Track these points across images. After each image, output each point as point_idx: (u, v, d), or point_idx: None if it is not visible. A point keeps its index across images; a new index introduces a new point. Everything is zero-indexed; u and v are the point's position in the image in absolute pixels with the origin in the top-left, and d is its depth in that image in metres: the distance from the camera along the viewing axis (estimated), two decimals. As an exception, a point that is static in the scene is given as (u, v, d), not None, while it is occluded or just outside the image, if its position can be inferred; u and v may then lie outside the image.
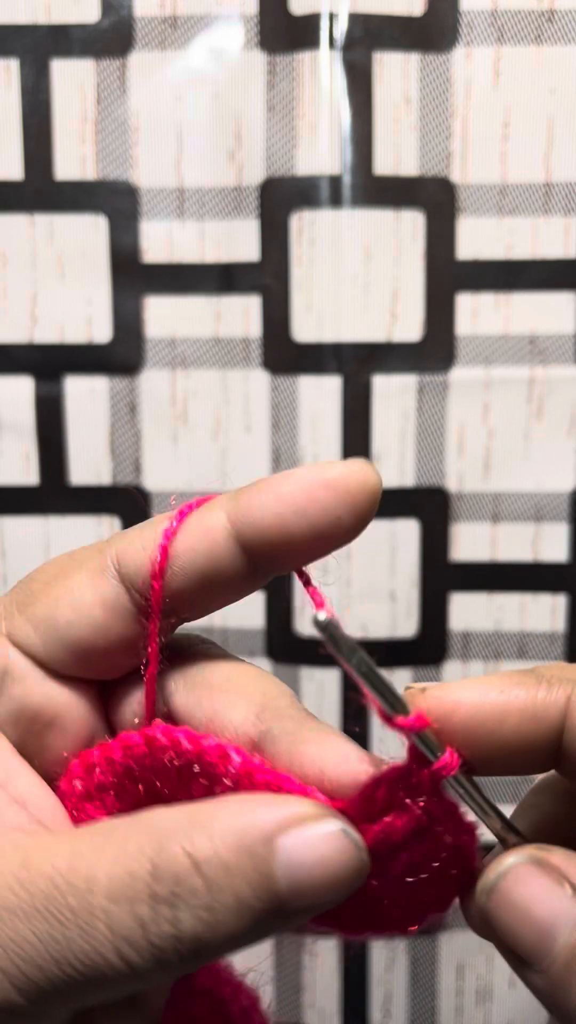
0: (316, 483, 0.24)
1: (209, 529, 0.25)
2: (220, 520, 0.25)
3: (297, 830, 0.21)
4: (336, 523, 0.24)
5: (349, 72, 0.55)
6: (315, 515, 0.24)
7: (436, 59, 0.55)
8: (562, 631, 0.59)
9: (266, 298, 0.57)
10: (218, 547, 0.25)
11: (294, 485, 0.24)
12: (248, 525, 0.25)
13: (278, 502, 0.24)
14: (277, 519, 0.24)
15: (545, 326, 0.57)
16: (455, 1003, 0.63)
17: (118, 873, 0.21)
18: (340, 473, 0.24)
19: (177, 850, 0.21)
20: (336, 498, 0.24)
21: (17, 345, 0.58)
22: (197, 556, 0.25)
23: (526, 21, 0.54)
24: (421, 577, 0.59)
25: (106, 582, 0.25)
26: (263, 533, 0.24)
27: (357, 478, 0.24)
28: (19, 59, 0.56)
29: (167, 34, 0.55)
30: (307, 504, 0.24)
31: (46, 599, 0.26)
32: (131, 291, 0.57)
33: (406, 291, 0.57)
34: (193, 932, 0.20)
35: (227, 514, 0.25)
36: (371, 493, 0.25)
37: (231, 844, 0.21)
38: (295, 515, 0.24)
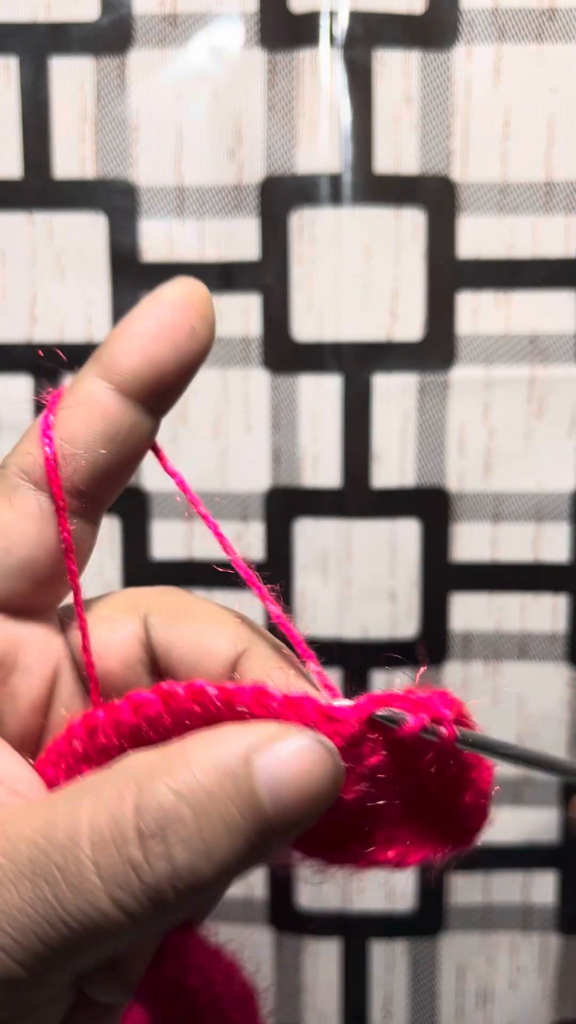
0: (161, 309, 0.26)
1: (91, 395, 0.25)
2: (96, 384, 0.25)
3: (270, 748, 0.21)
4: (192, 335, 0.26)
5: (349, 70, 0.54)
6: (173, 336, 0.26)
7: (437, 57, 0.55)
8: (563, 631, 0.59)
9: (266, 297, 0.57)
10: (107, 407, 0.25)
11: (144, 320, 0.26)
12: (122, 372, 0.25)
13: (135, 339, 0.25)
14: (143, 354, 0.25)
15: (546, 325, 0.56)
16: (455, 1004, 0.63)
17: (100, 820, 0.21)
18: (176, 292, 0.26)
19: (159, 786, 0.21)
20: (183, 313, 0.26)
21: (16, 344, 0.58)
22: (93, 424, 0.25)
23: (527, 19, 0.54)
24: (421, 577, 0.59)
25: (22, 496, 0.25)
26: (138, 372, 0.25)
27: (190, 290, 0.27)
28: (18, 57, 0.55)
29: (167, 32, 0.55)
30: (161, 330, 0.26)
31: None
32: (131, 290, 0.57)
33: (406, 290, 0.57)
34: (189, 864, 0.20)
35: (98, 376, 0.25)
36: (205, 299, 0.27)
37: (210, 771, 0.21)
38: (156, 343, 0.25)
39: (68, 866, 0.20)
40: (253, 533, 0.59)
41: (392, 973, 0.62)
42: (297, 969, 0.62)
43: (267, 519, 0.59)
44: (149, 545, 0.59)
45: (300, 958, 0.62)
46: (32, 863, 0.21)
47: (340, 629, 0.59)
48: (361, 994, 0.62)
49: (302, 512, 0.58)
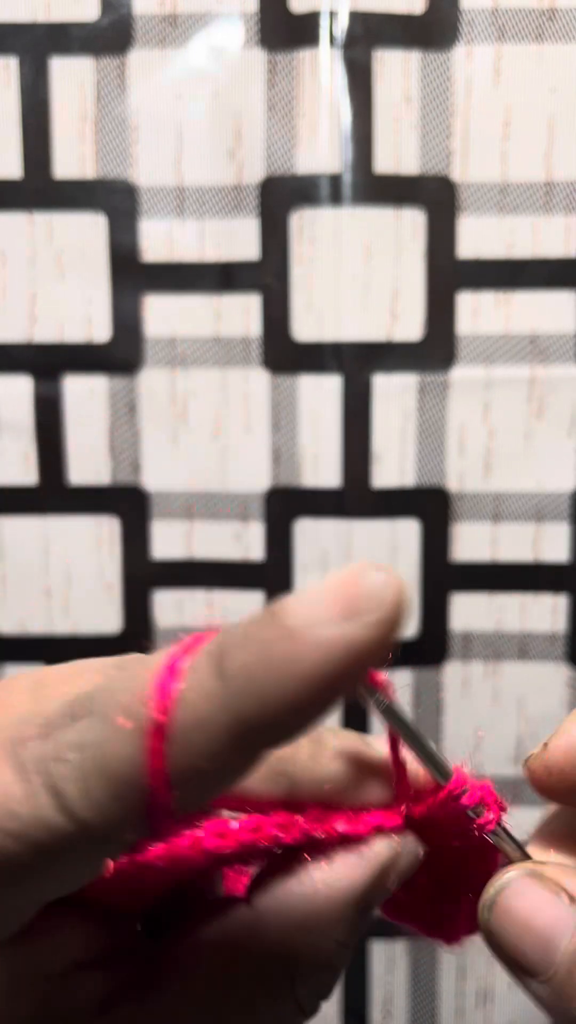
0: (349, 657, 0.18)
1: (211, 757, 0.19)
2: (219, 742, 0.19)
3: None
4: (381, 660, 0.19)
5: (349, 70, 0.54)
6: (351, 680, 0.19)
7: (437, 57, 0.55)
8: (563, 631, 0.59)
9: (266, 297, 0.57)
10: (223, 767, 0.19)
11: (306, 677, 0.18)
12: (257, 738, 0.19)
13: (294, 703, 0.18)
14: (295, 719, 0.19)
15: (546, 325, 0.56)
16: (455, 1005, 0.63)
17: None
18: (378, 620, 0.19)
19: None
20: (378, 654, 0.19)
21: (16, 344, 0.58)
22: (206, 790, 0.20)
23: (527, 19, 0.54)
24: (422, 577, 0.59)
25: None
26: (272, 733, 0.19)
27: (397, 601, 0.19)
28: (18, 57, 0.55)
29: (167, 32, 0.55)
30: (340, 680, 0.19)
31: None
32: (130, 290, 0.57)
33: (406, 290, 0.57)
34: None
35: (227, 729, 0.18)
36: (403, 614, 0.19)
37: None
38: (322, 700, 0.19)
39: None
40: (253, 533, 0.59)
41: (392, 973, 0.62)
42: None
43: (267, 519, 0.59)
44: (149, 545, 0.59)
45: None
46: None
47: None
48: (361, 994, 0.62)
49: (302, 512, 0.58)
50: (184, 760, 0.18)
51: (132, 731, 0.18)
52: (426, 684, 0.59)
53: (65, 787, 0.19)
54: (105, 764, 0.18)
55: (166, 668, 0.19)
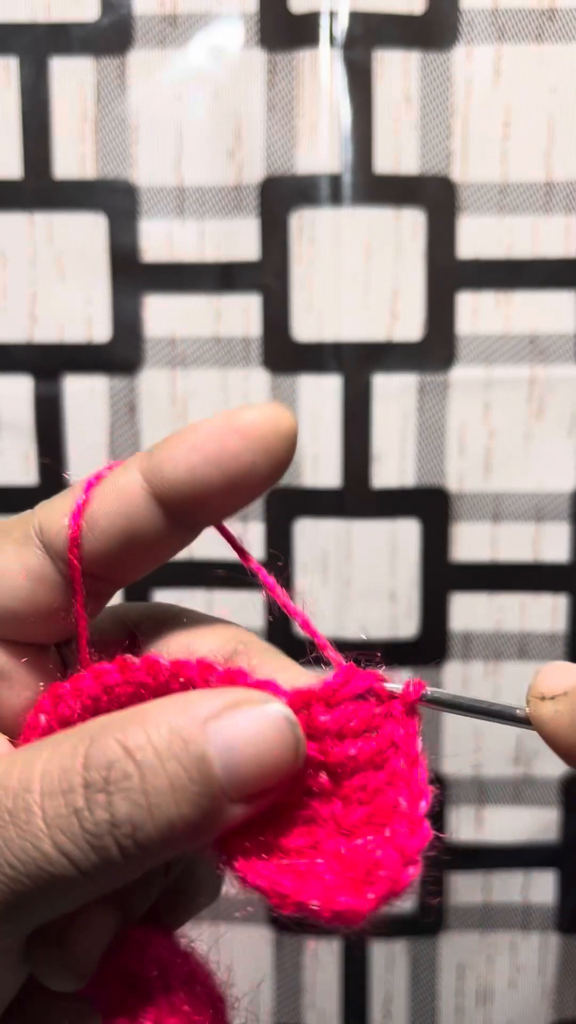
0: (227, 431, 0.24)
1: (124, 488, 0.25)
2: (135, 479, 0.24)
3: (230, 714, 0.22)
4: (250, 470, 0.24)
5: (349, 70, 0.54)
6: (228, 463, 0.24)
7: (437, 57, 0.55)
8: (563, 631, 0.59)
9: (266, 297, 0.57)
10: (135, 506, 0.24)
11: (205, 435, 0.24)
12: (162, 479, 0.24)
13: (190, 453, 0.24)
14: (190, 471, 0.24)
15: (546, 325, 0.56)
16: (455, 1004, 0.63)
17: (52, 768, 0.21)
18: (251, 419, 0.24)
19: (109, 740, 0.21)
20: (248, 444, 0.24)
21: (16, 344, 0.58)
22: (115, 517, 0.25)
23: (527, 20, 0.54)
24: (421, 577, 0.59)
25: (30, 551, 0.25)
26: (177, 486, 0.24)
27: (269, 422, 0.24)
28: (18, 57, 0.55)
29: (167, 32, 0.55)
30: (219, 453, 0.24)
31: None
32: (131, 290, 0.57)
33: (406, 290, 0.57)
34: (128, 816, 0.21)
35: (141, 472, 0.24)
36: (285, 437, 0.24)
37: (164, 731, 0.21)
38: (208, 465, 0.24)
39: (17, 810, 0.21)
40: (253, 533, 0.59)
41: (392, 972, 0.62)
42: (297, 969, 0.63)
43: (267, 519, 0.59)
44: (149, 545, 0.59)
45: (300, 958, 0.62)
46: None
47: (340, 629, 0.59)
48: (361, 993, 0.63)
49: (302, 512, 0.58)
50: (105, 500, 0.25)
51: (81, 482, 0.25)
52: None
53: (41, 527, 0.25)
54: (58, 503, 0.25)
55: (114, 463, 0.25)
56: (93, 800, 0.21)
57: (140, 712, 0.22)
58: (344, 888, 0.22)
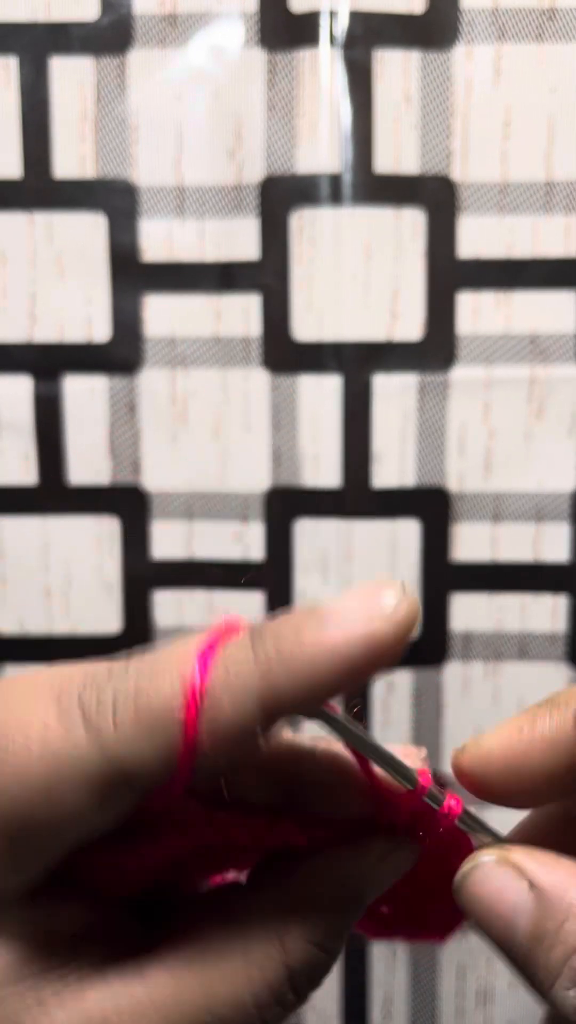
0: (369, 651, 0.21)
1: (242, 729, 0.21)
2: (252, 713, 0.21)
3: None
4: (384, 662, 0.22)
5: (349, 70, 0.54)
6: (363, 674, 0.21)
7: (437, 57, 0.55)
8: (563, 632, 0.59)
9: (266, 297, 0.57)
10: (250, 740, 0.21)
11: (344, 656, 0.21)
12: (286, 708, 0.21)
13: (322, 683, 0.21)
14: (320, 685, 0.21)
15: (546, 325, 0.56)
16: (456, 1005, 0.63)
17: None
18: (395, 608, 0.21)
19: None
20: (382, 652, 0.21)
21: (16, 344, 0.58)
22: (231, 755, 0.21)
23: (527, 19, 0.54)
24: (422, 577, 0.59)
25: (112, 804, 0.21)
26: (298, 700, 0.21)
27: (409, 608, 0.21)
28: (18, 57, 0.55)
29: (167, 32, 0.55)
30: (354, 672, 0.21)
31: None
32: (130, 290, 0.57)
33: (407, 290, 0.57)
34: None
35: (260, 699, 0.21)
36: (416, 615, 0.22)
37: None
38: (341, 679, 0.21)
39: None
40: (253, 533, 0.59)
41: (392, 973, 0.62)
42: (297, 969, 0.62)
43: (267, 519, 0.59)
44: (149, 545, 0.59)
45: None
46: None
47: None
48: (361, 994, 0.62)
49: (302, 512, 0.58)
50: (215, 714, 0.21)
51: (170, 681, 0.21)
52: (426, 684, 0.59)
53: (101, 723, 0.21)
54: (141, 704, 0.21)
55: (206, 642, 0.22)
56: None
57: None
58: None
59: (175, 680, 0.21)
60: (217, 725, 0.21)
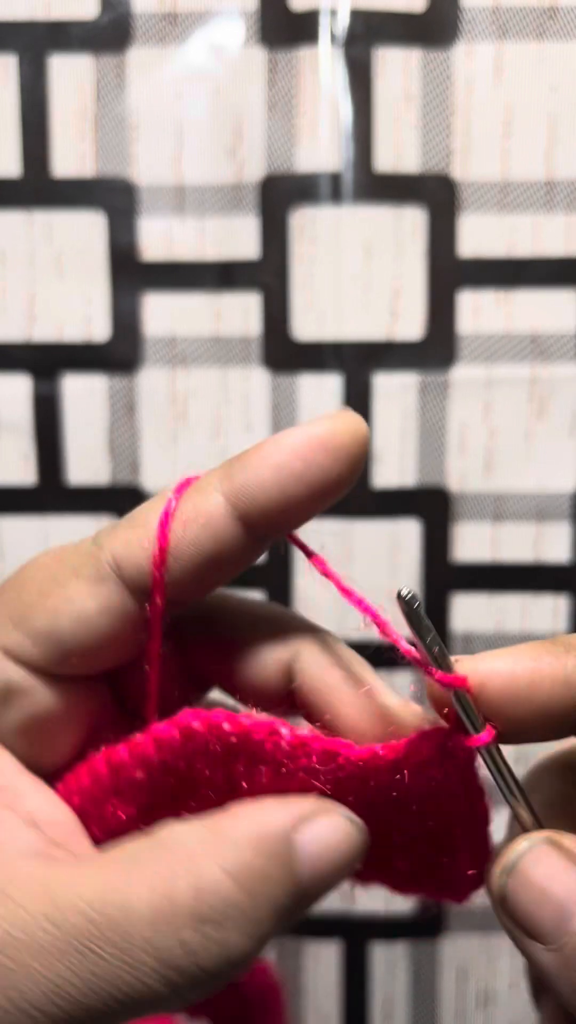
0: (311, 446, 0.24)
1: (208, 514, 0.24)
2: (217, 502, 0.24)
3: (307, 826, 0.22)
4: (336, 481, 0.24)
5: (350, 68, 0.54)
6: (315, 478, 0.24)
7: (437, 55, 0.54)
8: (563, 632, 0.59)
9: (266, 296, 0.57)
10: (219, 531, 0.24)
11: (289, 453, 0.24)
12: (249, 502, 0.24)
13: (277, 472, 0.24)
14: (279, 491, 0.24)
15: (547, 324, 0.56)
16: (456, 1006, 0.62)
17: (158, 900, 0.21)
18: (331, 430, 0.24)
19: (212, 866, 0.21)
20: (332, 457, 0.24)
21: (15, 344, 0.58)
22: (200, 545, 0.24)
23: (528, 17, 0.54)
24: (422, 577, 0.59)
25: (107, 589, 0.25)
26: (266, 507, 0.24)
27: (349, 432, 0.24)
28: (17, 55, 0.55)
29: (166, 30, 0.55)
30: (305, 470, 0.24)
31: (44, 612, 0.25)
32: (130, 289, 0.57)
33: (407, 289, 0.56)
34: (240, 946, 0.21)
35: (224, 495, 0.24)
36: (363, 442, 0.25)
37: (260, 851, 0.21)
38: (296, 483, 0.24)
39: (120, 942, 0.20)
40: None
41: (393, 975, 0.62)
42: (297, 971, 0.62)
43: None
44: (149, 545, 0.59)
45: (300, 960, 0.62)
46: (82, 935, 0.20)
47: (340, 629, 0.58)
48: (362, 996, 0.62)
49: (302, 512, 0.58)
50: (190, 527, 0.24)
51: (154, 508, 0.25)
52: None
53: (118, 562, 0.25)
54: (132, 522, 0.25)
55: (181, 483, 0.25)
56: (208, 936, 0.21)
57: (226, 829, 0.22)
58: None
59: (156, 504, 0.25)
60: (190, 542, 0.24)
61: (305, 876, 0.21)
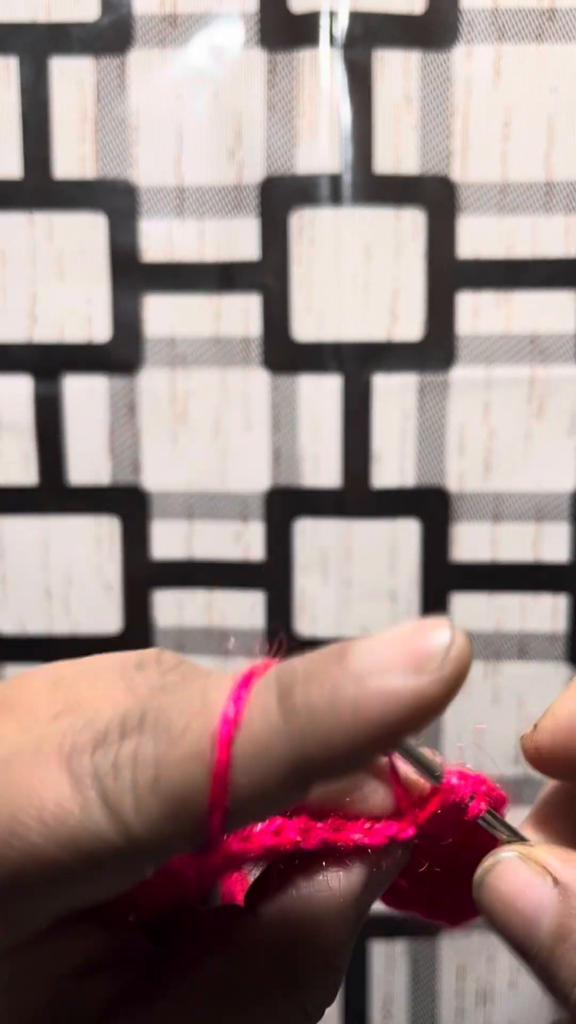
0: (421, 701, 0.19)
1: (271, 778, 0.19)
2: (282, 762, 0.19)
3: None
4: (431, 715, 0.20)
5: (349, 70, 0.54)
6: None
7: (437, 57, 0.55)
8: (563, 631, 0.59)
9: (266, 297, 0.57)
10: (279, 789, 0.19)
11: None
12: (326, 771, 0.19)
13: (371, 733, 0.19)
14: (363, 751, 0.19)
15: (546, 325, 0.56)
16: (456, 1004, 0.63)
17: None
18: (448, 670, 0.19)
19: None
20: (426, 708, 0.19)
21: (16, 344, 0.58)
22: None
23: (527, 19, 0.54)
24: (422, 577, 0.59)
25: None
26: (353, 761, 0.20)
27: (457, 662, 0.19)
28: (18, 57, 0.55)
29: (167, 32, 0.55)
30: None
31: None
32: (130, 290, 0.57)
33: (406, 290, 0.57)
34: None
35: (288, 749, 0.19)
36: (466, 669, 0.19)
37: None
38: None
39: None
40: (253, 533, 0.59)
41: (392, 973, 0.62)
42: (297, 969, 0.62)
43: (267, 519, 0.59)
44: (149, 545, 0.59)
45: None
46: None
47: (340, 629, 0.59)
48: (361, 994, 0.62)
49: (302, 512, 0.58)
50: (243, 789, 0.19)
51: (194, 754, 0.19)
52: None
53: (121, 802, 0.19)
54: (163, 784, 0.19)
55: (228, 696, 0.19)
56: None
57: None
58: None
59: (197, 752, 0.19)
60: (242, 802, 0.19)
61: None
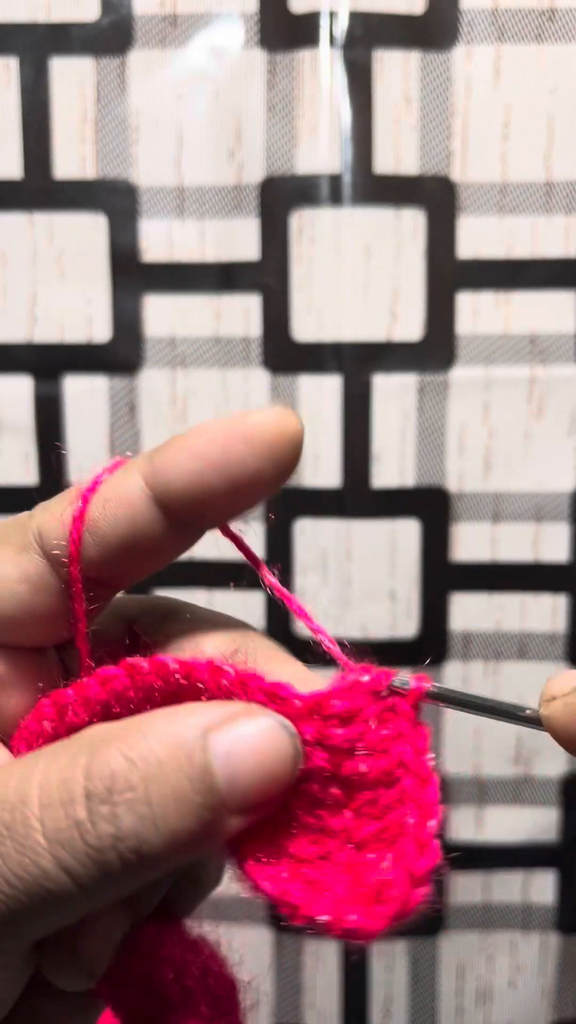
0: (232, 436, 0.23)
1: (126, 494, 0.24)
2: (136, 483, 0.24)
3: (229, 726, 0.21)
4: (255, 475, 0.23)
5: (349, 71, 0.54)
6: (232, 469, 0.23)
7: (437, 58, 0.55)
8: (562, 631, 0.59)
9: (266, 297, 0.57)
10: (137, 511, 0.24)
11: (209, 441, 0.23)
12: (165, 486, 0.24)
13: (193, 459, 0.23)
14: (193, 477, 0.23)
15: (545, 325, 0.56)
16: (455, 1004, 0.63)
17: (51, 780, 0.21)
18: (257, 423, 0.23)
19: (111, 751, 0.21)
20: (254, 451, 0.23)
21: (16, 344, 0.58)
22: (117, 523, 0.24)
23: (527, 20, 0.54)
24: (421, 577, 0.59)
25: (29, 558, 0.25)
26: (181, 493, 0.24)
27: (275, 428, 0.23)
28: (19, 57, 0.55)
29: (167, 32, 0.55)
30: (223, 459, 0.23)
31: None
32: (131, 290, 0.57)
33: (406, 290, 0.57)
34: (134, 829, 0.20)
35: (143, 476, 0.24)
36: (290, 442, 0.23)
37: (165, 742, 0.21)
38: (212, 471, 0.23)
39: (15, 824, 0.20)
40: (253, 533, 0.59)
41: (392, 973, 0.62)
42: (297, 969, 0.63)
43: (267, 519, 0.59)
44: (149, 545, 0.59)
45: (300, 958, 0.62)
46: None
47: (340, 629, 0.59)
48: (361, 993, 0.63)
49: (302, 512, 0.58)
50: (108, 506, 0.24)
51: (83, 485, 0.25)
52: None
53: (41, 533, 0.25)
54: (58, 507, 0.25)
55: (112, 464, 0.25)
56: (96, 812, 0.20)
57: (140, 723, 0.22)
58: (354, 904, 0.22)
59: (86, 482, 0.25)
60: (107, 506, 0.24)
61: (219, 773, 0.21)
